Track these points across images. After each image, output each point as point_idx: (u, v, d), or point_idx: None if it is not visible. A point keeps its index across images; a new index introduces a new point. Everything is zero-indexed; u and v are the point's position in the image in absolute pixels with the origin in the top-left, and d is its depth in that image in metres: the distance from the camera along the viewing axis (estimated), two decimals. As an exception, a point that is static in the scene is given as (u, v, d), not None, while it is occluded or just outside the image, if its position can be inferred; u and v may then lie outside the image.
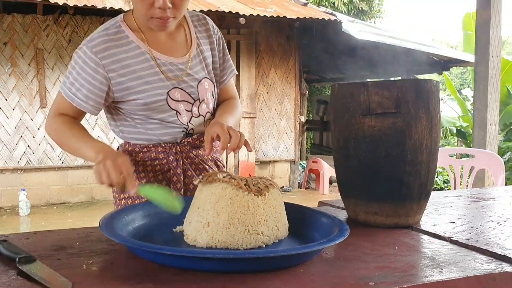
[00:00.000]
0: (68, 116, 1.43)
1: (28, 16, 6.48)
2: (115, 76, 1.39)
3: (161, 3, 1.29)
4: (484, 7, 4.55)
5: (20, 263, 0.88)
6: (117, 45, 1.40)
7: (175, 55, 1.47)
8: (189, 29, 1.52)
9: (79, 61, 1.38)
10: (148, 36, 1.44)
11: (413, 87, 1.17)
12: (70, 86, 1.40)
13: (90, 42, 1.38)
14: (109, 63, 1.38)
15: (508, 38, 33.73)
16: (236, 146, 1.28)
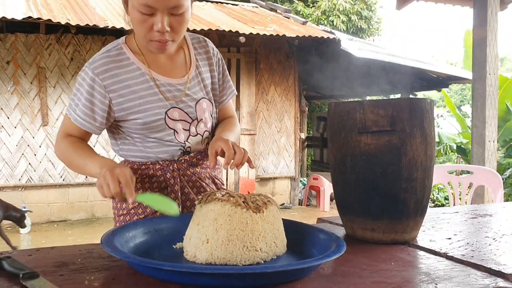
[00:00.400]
0: (75, 136, 1.46)
1: (31, 35, 6.57)
2: (116, 96, 1.43)
3: (160, 27, 1.32)
4: (481, 25, 4.62)
5: (23, 279, 0.90)
6: (118, 67, 1.44)
7: (174, 76, 1.50)
8: (189, 51, 1.56)
9: (83, 83, 1.42)
10: (148, 58, 1.48)
11: (408, 106, 1.20)
12: (74, 107, 1.44)
13: (92, 64, 1.42)
14: (110, 84, 1.42)
15: (508, 54, 33.97)
16: (240, 162, 1.31)
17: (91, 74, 1.41)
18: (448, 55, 39.67)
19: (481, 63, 4.56)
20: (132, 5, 1.33)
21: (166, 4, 1.30)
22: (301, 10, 13.61)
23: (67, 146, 1.44)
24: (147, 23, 1.33)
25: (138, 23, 1.35)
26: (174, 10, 1.32)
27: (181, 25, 1.36)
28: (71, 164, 1.46)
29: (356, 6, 13.86)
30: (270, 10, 9.87)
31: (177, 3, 1.31)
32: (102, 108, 1.42)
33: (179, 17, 1.34)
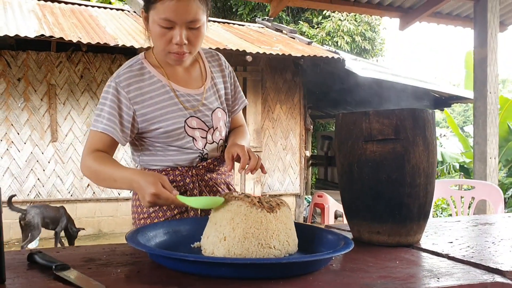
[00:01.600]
0: (100, 151, 1.50)
1: (42, 53, 6.73)
2: (140, 108, 1.52)
3: (178, 39, 1.44)
4: (481, 46, 4.73)
5: (56, 269, 0.98)
6: (141, 80, 1.54)
7: (192, 87, 1.61)
8: (204, 64, 1.68)
9: (108, 96, 1.51)
10: (167, 71, 1.59)
11: (410, 116, 1.29)
12: (100, 119, 1.50)
13: (117, 78, 1.53)
14: (134, 96, 1.52)
15: (509, 76, 34.13)
16: (254, 167, 1.43)
17: (116, 87, 1.51)
18: (450, 76, 39.87)
19: (482, 82, 4.66)
20: (153, 20, 1.44)
21: (184, 18, 1.41)
22: (306, 31, 13.82)
23: (92, 162, 1.48)
24: (166, 36, 1.44)
25: (158, 37, 1.46)
26: (191, 24, 1.44)
27: (198, 38, 1.48)
28: (98, 179, 1.50)
29: (360, 28, 14.06)
30: (276, 31, 10.05)
31: (195, 18, 1.43)
32: (127, 119, 1.51)
33: (196, 31, 1.46)
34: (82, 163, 1.52)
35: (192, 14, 1.42)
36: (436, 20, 5.70)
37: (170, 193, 1.28)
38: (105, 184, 1.51)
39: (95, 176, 1.50)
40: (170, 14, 1.40)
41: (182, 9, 1.41)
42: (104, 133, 1.49)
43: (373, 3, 5.42)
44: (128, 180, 1.38)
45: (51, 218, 5.38)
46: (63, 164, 6.83)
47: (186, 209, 1.58)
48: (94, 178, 1.51)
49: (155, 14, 1.43)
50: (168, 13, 1.40)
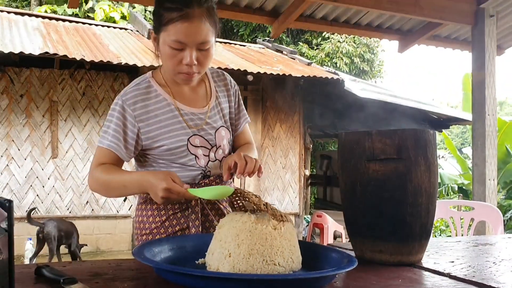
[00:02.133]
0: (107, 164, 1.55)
1: (45, 70, 6.80)
2: (144, 126, 1.56)
3: (189, 60, 1.48)
4: (479, 68, 4.80)
5: (64, 283, 1.00)
6: (147, 98, 1.58)
7: (196, 106, 1.64)
8: (209, 84, 1.72)
9: (115, 113, 1.56)
10: (173, 90, 1.63)
11: (412, 136, 1.31)
12: (107, 135, 1.55)
13: (123, 96, 1.57)
14: (139, 114, 1.56)
15: (506, 99, 34.39)
16: (251, 170, 1.47)
17: (123, 105, 1.55)
18: (448, 98, 40.15)
19: (481, 104, 4.72)
20: (164, 41, 1.48)
21: (195, 40, 1.46)
22: (305, 52, 13.96)
23: (99, 174, 1.52)
24: (177, 57, 1.48)
25: (168, 57, 1.50)
26: (201, 46, 1.48)
27: (207, 59, 1.52)
28: (108, 189, 1.55)
29: (359, 49, 14.20)
30: (276, 51, 10.16)
31: (205, 40, 1.47)
32: (131, 137, 1.55)
33: (205, 52, 1.50)
34: (90, 178, 1.56)
35: (202, 36, 1.46)
36: (435, 43, 5.78)
37: (181, 187, 1.34)
38: (115, 193, 1.56)
39: (104, 187, 1.54)
40: (181, 36, 1.44)
41: (194, 32, 1.45)
42: (109, 149, 1.54)
43: (372, 26, 5.50)
44: (138, 182, 1.44)
45: (66, 232, 5.60)
46: (62, 180, 6.84)
47: (188, 226, 1.60)
48: (104, 190, 1.56)
49: (166, 36, 1.47)
50: (180, 35, 1.44)
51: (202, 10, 1.45)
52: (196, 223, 1.58)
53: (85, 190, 6.95)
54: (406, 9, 4.48)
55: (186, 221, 1.60)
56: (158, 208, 1.61)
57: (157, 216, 1.60)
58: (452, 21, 4.83)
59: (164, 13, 1.47)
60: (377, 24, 5.48)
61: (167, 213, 1.60)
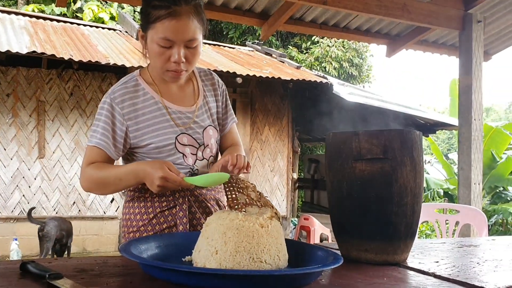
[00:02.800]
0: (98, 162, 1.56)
1: (32, 69, 6.73)
2: (132, 124, 1.57)
3: (177, 58, 1.49)
4: (466, 73, 4.86)
5: (50, 278, 0.99)
6: (135, 97, 1.59)
7: (184, 105, 1.65)
8: (197, 83, 1.72)
9: (103, 111, 1.56)
10: (161, 88, 1.63)
11: (398, 136, 1.33)
12: (96, 134, 1.55)
13: (112, 94, 1.58)
14: (127, 112, 1.56)
15: (492, 105, 34.83)
16: (241, 166, 1.52)
17: (111, 104, 1.56)
18: (435, 103, 40.57)
19: (467, 109, 4.77)
20: (152, 39, 1.49)
21: (183, 38, 1.47)
22: (295, 56, 14.01)
23: (92, 172, 1.53)
24: (165, 55, 1.49)
25: (156, 55, 1.50)
26: (189, 43, 1.49)
27: (195, 56, 1.54)
28: (102, 185, 1.55)
29: (348, 54, 14.29)
30: (266, 54, 10.18)
31: (193, 37, 1.48)
32: (120, 135, 1.55)
33: (193, 50, 1.52)
34: (82, 177, 1.56)
35: (190, 34, 1.48)
36: (422, 48, 5.84)
37: (177, 175, 1.37)
38: (110, 189, 1.56)
39: (98, 184, 1.55)
40: (169, 34, 1.45)
41: (181, 29, 1.46)
42: (98, 147, 1.54)
43: (361, 30, 5.55)
44: (134, 172, 1.45)
45: (66, 231, 5.69)
46: (49, 181, 6.77)
47: (175, 224, 1.60)
48: (98, 187, 1.57)
49: (154, 33, 1.47)
50: (168, 32, 1.45)
51: (189, 8, 1.46)
52: (184, 221, 1.58)
53: (72, 190, 6.89)
54: (394, 13, 4.52)
55: (174, 219, 1.60)
56: (146, 206, 1.61)
57: (145, 214, 1.60)
58: (440, 26, 4.89)
59: (151, 11, 1.47)
60: (366, 28, 5.52)
61: (155, 211, 1.60)
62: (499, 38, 5.71)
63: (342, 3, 4.31)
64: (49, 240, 5.41)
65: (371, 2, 4.43)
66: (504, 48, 5.90)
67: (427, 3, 4.77)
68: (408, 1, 4.60)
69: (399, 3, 4.55)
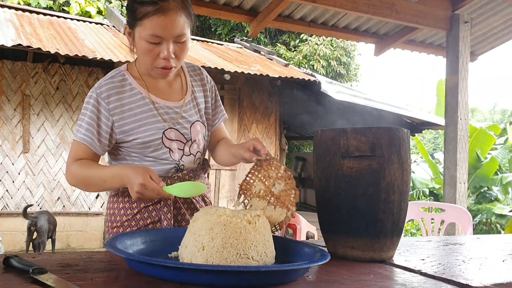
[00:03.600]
0: (84, 159, 1.54)
1: (17, 62, 6.64)
2: (118, 119, 1.55)
3: (166, 54, 1.47)
4: (453, 74, 4.90)
5: (34, 273, 0.97)
6: (122, 92, 1.57)
7: (172, 100, 1.63)
8: (185, 78, 1.71)
9: (89, 106, 1.54)
10: (148, 83, 1.61)
11: (386, 134, 1.33)
12: (80, 129, 1.53)
13: (98, 89, 1.55)
14: (113, 107, 1.54)
15: (478, 106, 35.25)
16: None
17: (97, 98, 1.53)
18: (422, 103, 40.94)
19: (453, 109, 4.82)
20: (140, 36, 1.47)
21: (172, 34, 1.45)
22: (283, 54, 14.02)
23: (78, 169, 1.51)
24: (153, 52, 1.47)
25: (145, 52, 1.49)
26: (178, 39, 1.47)
27: (183, 52, 1.52)
28: (86, 184, 1.54)
29: (336, 52, 14.35)
30: (254, 51, 10.17)
31: (181, 32, 1.47)
32: (105, 130, 1.53)
33: (182, 45, 1.50)
34: (68, 173, 1.54)
35: (179, 29, 1.46)
36: (410, 47, 5.88)
37: (157, 184, 1.34)
38: (94, 188, 1.55)
39: (83, 182, 1.54)
40: (157, 30, 1.44)
41: (170, 25, 1.44)
42: (83, 143, 1.52)
43: (349, 28, 5.56)
44: (118, 175, 1.43)
45: (53, 224, 5.73)
46: (33, 176, 6.69)
47: (159, 219, 1.58)
48: (83, 185, 1.55)
49: (142, 30, 1.45)
50: (156, 29, 1.43)
51: (177, 3, 1.45)
52: (168, 216, 1.57)
53: (57, 186, 6.82)
54: (383, 12, 4.54)
55: (158, 214, 1.58)
56: (130, 201, 1.59)
57: (129, 209, 1.59)
58: (427, 26, 4.92)
59: (138, 7, 1.45)
60: (354, 27, 5.54)
61: (139, 206, 1.59)
62: (486, 39, 5.77)
63: (331, 1, 4.32)
64: (43, 234, 5.46)
65: (359, 1, 4.45)
66: (490, 49, 5.97)
67: (415, 3, 4.80)
68: (396, 1, 4.62)
69: (387, 2, 4.58)
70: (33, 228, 5.42)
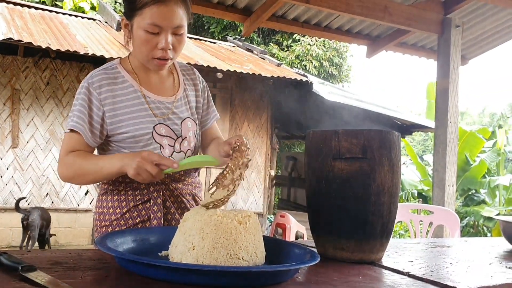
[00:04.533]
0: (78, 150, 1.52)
1: (8, 56, 6.58)
2: (109, 110, 1.55)
3: (164, 44, 1.48)
4: (444, 77, 4.94)
5: (23, 270, 0.97)
6: (114, 83, 1.57)
7: (164, 95, 1.65)
8: (178, 76, 1.72)
9: (80, 96, 1.54)
10: (141, 77, 1.62)
11: (378, 137, 1.34)
12: (72, 117, 1.53)
13: (90, 79, 1.56)
14: (105, 98, 1.54)
15: (467, 110, 35.52)
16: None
17: (89, 88, 1.54)
18: (413, 105, 41.14)
19: (443, 111, 4.86)
20: (139, 26, 1.48)
21: (171, 24, 1.47)
22: (276, 53, 14.04)
23: (72, 159, 1.49)
24: (151, 42, 1.49)
25: (143, 42, 1.50)
26: (176, 30, 1.50)
27: (181, 44, 1.54)
28: (81, 174, 1.50)
29: (328, 53, 14.39)
30: (247, 51, 10.17)
31: (180, 24, 1.49)
32: (96, 120, 1.53)
33: (179, 37, 1.52)
34: (61, 165, 1.52)
35: (178, 20, 1.48)
36: (402, 50, 5.92)
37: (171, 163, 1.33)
38: (89, 178, 1.50)
39: (78, 172, 1.49)
40: (157, 20, 1.45)
41: (170, 15, 1.46)
42: (74, 131, 1.51)
43: (342, 30, 5.59)
44: (118, 157, 1.42)
45: (47, 220, 5.75)
46: (22, 171, 6.64)
47: (149, 218, 1.58)
48: (78, 175, 1.50)
49: (142, 19, 1.47)
50: (156, 18, 1.45)
51: None
52: (158, 215, 1.57)
53: (46, 181, 6.77)
54: (375, 14, 4.57)
55: (147, 213, 1.58)
56: (119, 199, 1.59)
57: (118, 208, 1.58)
58: (419, 29, 4.96)
59: None
60: (347, 28, 5.57)
61: (128, 205, 1.58)
62: (476, 43, 5.83)
63: (324, 3, 4.33)
64: (35, 229, 5.46)
65: (353, 3, 4.46)
66: (481, 53, 6.02)
67: (408, 6, 4.84)
68: (389, 3, 4.65)
69: (380, 4, 4.60)
70: (25, 222, 5.44)
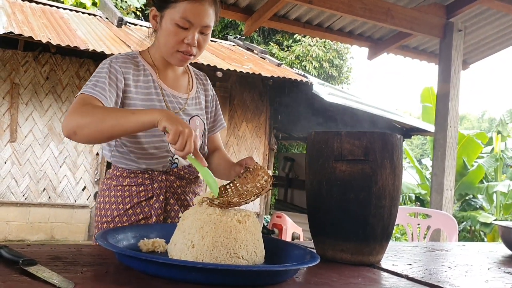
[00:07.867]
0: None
1: (8, 51, 6.55)
2: (127, 89, 1.55)
3: (191, 40, 1.52)
4: (444, 81, 4.94)
5: (23, 264, 0.97)
6: (135, 68, 1.59)
7: (178, 91, 1.68)
8: (192, 78, 1.77)
9: (104, 67, 1.51)
10: (159, 70, 1.65)
11: (380, 139, 1.34)
12: (92, 85, 1.44)
13: (114, 59, 1.57)
14: (127, 77, 1.56)
15: (466, 114, 35.60)
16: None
17: (113, 64, 1.53)
18: (412, 108, 41.24)
19: (443, 116, 4.86)
20: (170, 18, 1.51)
21: (201, 22, 1.51)
22: (276, 53, 14.03)
23: (89, 108, 1.35)
24: (179, 35, 1.51)
25: (171, 34, 1.52)
26: (204, 29, 1.54)
27: (205, 43, 1.58)
28: (101, 118, 1.31)
29: (328, 54, 14.39)
30: (247, 50, 10.16)
31: (209, 24, 1.54)
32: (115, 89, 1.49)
33: (205, 36, 1.57)
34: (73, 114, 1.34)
35: (208, 20, 1.53)
36: (403, 53, 5.92)
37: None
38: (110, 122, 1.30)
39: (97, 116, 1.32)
40: (190, 15, 1.49)
41: (202, 13, 1.50)
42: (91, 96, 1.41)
43: (344, 31, 5.58)
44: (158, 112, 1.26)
45: None
46: (20, 165, 6.62)
47: (151, 215, 1.58)
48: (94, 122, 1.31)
49: (175, 12, 1.49)
50: (189, 13, 1.49)
51: None
52: (158, 212, 1.56)
53: (43, 176, 6.75)
54: (378, 17, 4.57)
55: (150, 210, 1.58)
56: (123, 195, 1.58)
57: (121, 204, 1.58)
58: (421, 32, 4.96)
59: None
60: (349, 30, 5.57)
61: (132, 201, 1.57)
62: (478, 48, 5.83)
63: (327, 3, 4.33)
64: None
65: (355, 4, 4.46)
66: (482, 58, 6.03)
67: (411, 9, 4.84)
68: (392, 6, 4.65)
69: (383, 7, 4.60)
70: None
